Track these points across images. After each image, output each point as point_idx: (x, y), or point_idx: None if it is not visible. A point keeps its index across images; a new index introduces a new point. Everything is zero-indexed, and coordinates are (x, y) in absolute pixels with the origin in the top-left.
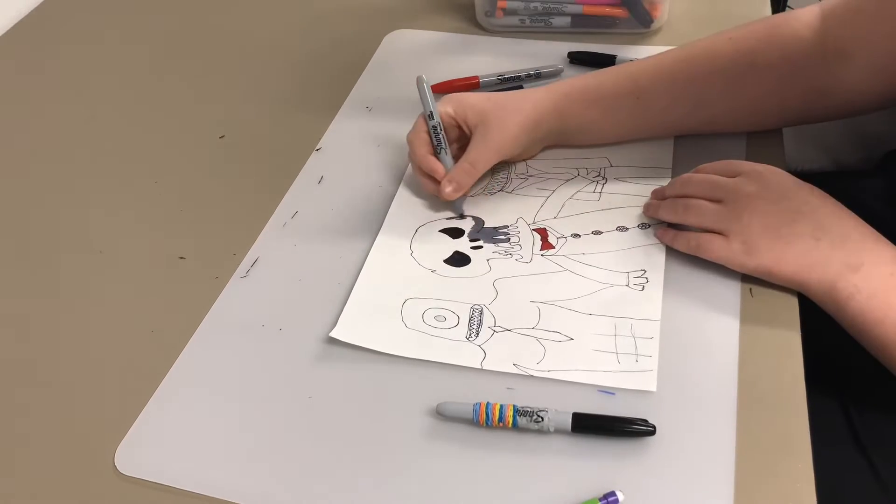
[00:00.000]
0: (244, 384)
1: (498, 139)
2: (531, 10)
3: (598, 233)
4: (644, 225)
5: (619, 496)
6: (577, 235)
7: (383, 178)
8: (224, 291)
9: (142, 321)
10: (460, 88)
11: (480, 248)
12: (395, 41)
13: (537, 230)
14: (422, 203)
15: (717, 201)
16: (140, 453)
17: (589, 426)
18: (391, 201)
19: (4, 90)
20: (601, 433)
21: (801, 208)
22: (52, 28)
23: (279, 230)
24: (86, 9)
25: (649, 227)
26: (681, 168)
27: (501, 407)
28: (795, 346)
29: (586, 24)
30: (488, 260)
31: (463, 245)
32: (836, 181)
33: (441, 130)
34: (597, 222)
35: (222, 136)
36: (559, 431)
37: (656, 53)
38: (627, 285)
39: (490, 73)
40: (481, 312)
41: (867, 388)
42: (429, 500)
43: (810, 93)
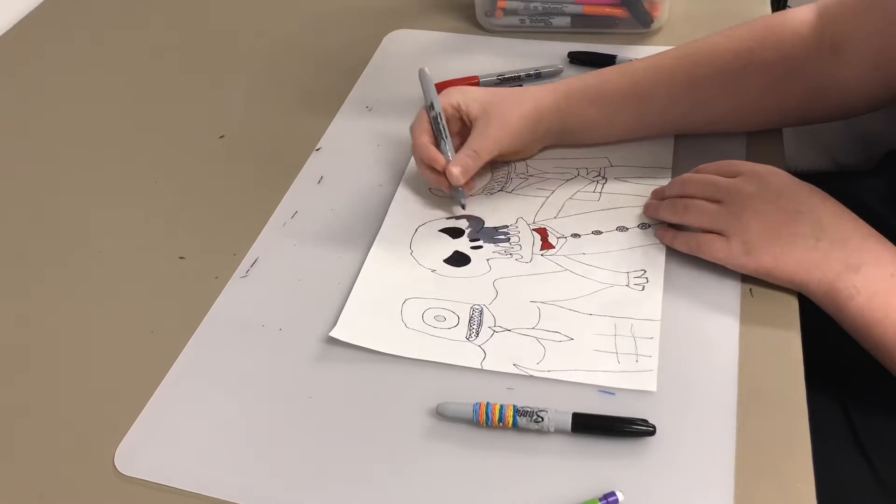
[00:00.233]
0: (244, 384)
1: (499, 130)
2: (531, 10)
3: (599, 233)
4: (644, 225)
5: (619, 496)
6: (577, 235)
7: (383, 178)
8: (224, 291)
9: (142, 321)
10: None
11: (480, 247)
12: (395, 41)
13: (537, 230)
14: (422, 203)
15: (717, 201)
16: (140, 453)
17: (589, 426)
18: (391, 201)
19: (4, 90)
20: (601, 433)
21: (801, 208)
22: (52, 28)
23: (279, 230)
24: (86, 9)
25: (649, 227)
26: (681, 168)
27: (501, 407)
28: (795, 346)
29: (586, 24)
30: (488, 260)
31: (463, 245)
32: (835, 181)
33: (442, 120)
34: (597, 222)
35: (222, 136)
36: (559, 431)
37: (656, 53)
38: (627, 285)
39: (490, 73)
40: (481, 312)
41: (867, 389)
42: (429, 500)
43: (808, 91)
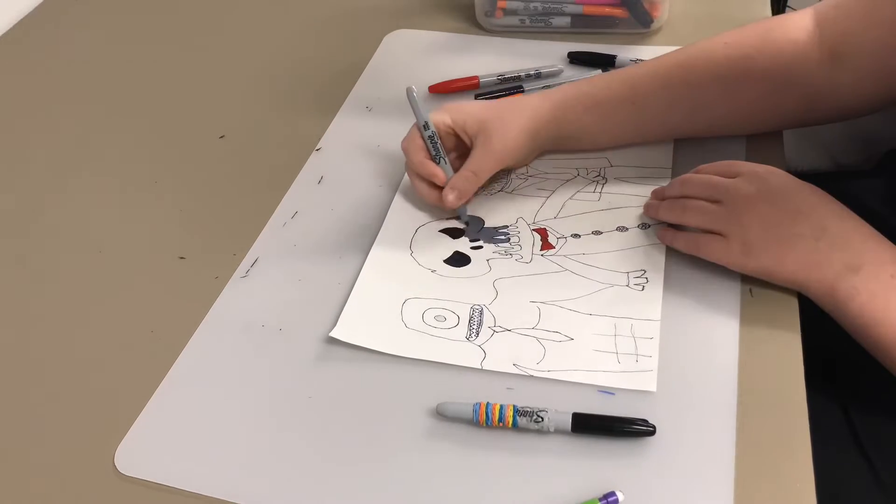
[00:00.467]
0: (244, 384)
1: (500, 148)
2: (531, 10)
3: (598, 233)
4: (644, 225)
5: (619, 496)
6: (577, 235)
7: (383, 178)
8: (224, 291)
9: (142, 321)
10: (460, 88)
11: (480, 248)
12: (395, 41)
13: (537, 230)
14: (422, 203)
15: (717, 202)
16: (140, 453)
17: (589, 426)
18: (391, 201)
19: (4, 90)
20: (601, 433)
21: (801, 208)
22: (52, 28)
23: (279, 230)
24: (86, 9)
25: (649, 227)
26: (681, 168)
27: (501, 407)
28: (795, 346)
29: (586, 24)
30: (488, 260)
31: (463, 245)
32: (836, 181)
33: (437, 139)
34: (597, 222)
35: (222, 136)
36: (559, 431)
37: (652, 58)
38: (627, 285)
39: (490, 73)
40: (481, 312)
41: (867, 389)
42: (429, 500)
43: (806, 96)
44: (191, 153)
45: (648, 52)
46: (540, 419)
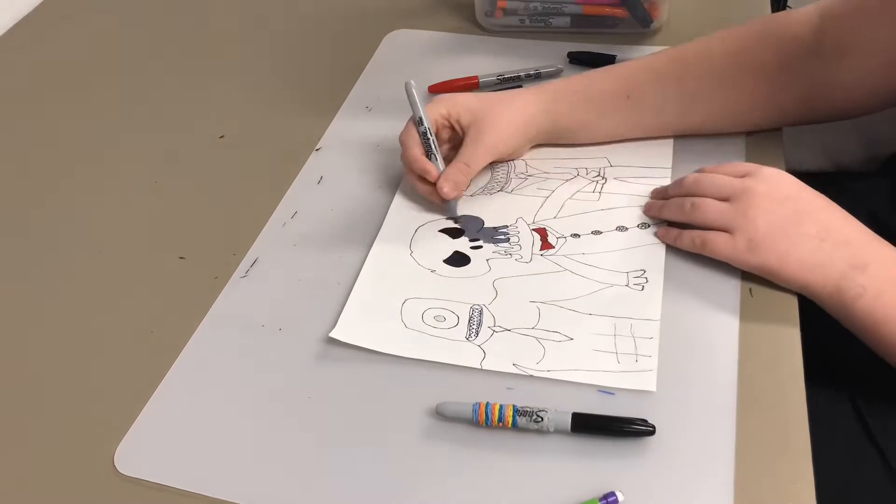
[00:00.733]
0: (244, 384)
1: (491, 139)
2: (531, 10)
3: (598, 233)
4: (644, 225)
5: (619, 496)
6: (576, 235)
7: (383, 178)
8: (224, 291)
9: (142, 321)
10: (460, 88)
11: (480, 248)
12: (395, 41)
13: (537, 230)
14: (421, 203)
15: (724, 200)
16: (140, 453)
17: (589, 426)
18: (391, 201)
19: (4, 90)
20: (601, 433)
21: (807, 209)
22: (52, 28)
23: (279, 230)
24: (86, 9)
25: (649, 226)
26: (681, 168)
27: (501, 407)
28: (795, 345)
29: (586, 25)
30: (488, 260)
31: (462, 245)
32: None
33: (430, 136)
34: (596, 222)
35: (222, 136)
36: (559, 431)
37: (649, 54)
38: (627, 285)
39: (490, 73)
40: (481, 312)
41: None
42: (428, 500)
43: (807, 92)
44: (191, 153)
45: (648, 52)
46: (540, 419)
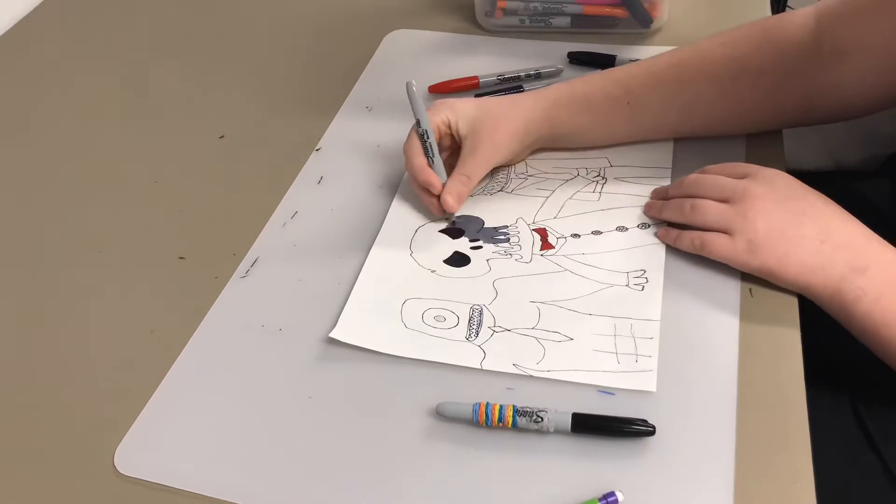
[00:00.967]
0: (244, 384)
1: (489, 149)
2: (531, 10)
3: (598, 233)
4: (644, 225)
5: (619, 496)
6: (576, 235)
7: (383, 179)
8: (224, 291)
9: (142, 321)
10: (460, 88)
11: (480, 248)
12: (395, 41)
13: (537, 230)
14: (421, 204)
15: (724, 201)
16: (140, 453)
17: (589, 426)
18: (391, 201)
19: (4, 90)
20: (601, 433)
21: (808, 211)
22: (52, 28)
23: (279, 230)
24: (86, 9)
25: (649, 226)
26: (681, 168)
27: (501, 407)
28: (795, 345)
29: (586, 25)
30: (488, 260)
31: (462, 245)
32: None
33: (429, 139)
34: (596, 222)
35: (222, 136)
36: (559, 431)
37: (648, 58)
38: (627, 285)
39: (490, 73)
40: (481, 312)
41: (875, 386)
42: (428, 501)
43: (806, 95)
44: (191, 153)
45: (648, 52)
46: (540, 419)
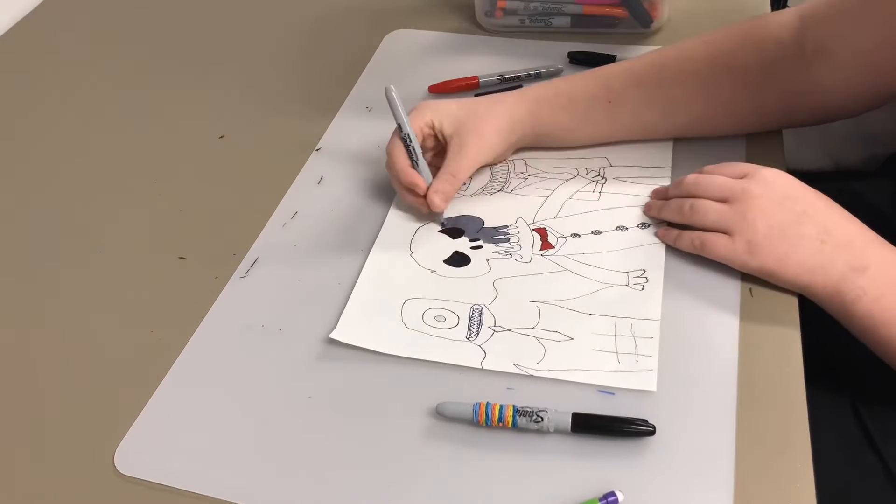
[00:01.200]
0: (244, 384)
1: (475, 149)
2: (531, 10)
3: (598, 232)
4: (644, 225)
5: (619, 496)
6: (576, 235)
7: (383, 179)
8: (224, 291)
9: (142, 321)
10: (460, 88)
11: (480, 248)
12: (395, 41)
13: (537, 230)
14: None
15: (723, 201)
16: (140, 453)
17: (589, 426)
18: (391, 202)
19: (4, 90)
20: (601, 433)
21: (807, 210)
22: (52, 28)
23: (279, 230)
24: (86, 9)
25: (649, 226)
26: (680, 168)
27: (501, 407)
28: (795, 345)
29: (586, 24)
30: (488, 260)
31: (462, 245)
32: (838, 181)
33: (411, 142)
34: (596, 222)
35: (222, 136)
36: (559, 431)
37: (632, 58)
38: (627, 285)
39: (490, 73)
40: (481, 312)
41: (876, 386)
42: (428, 500)
43: (789, 95)
44: (191, 153)
45: (648, 52)
46: (540, 419)
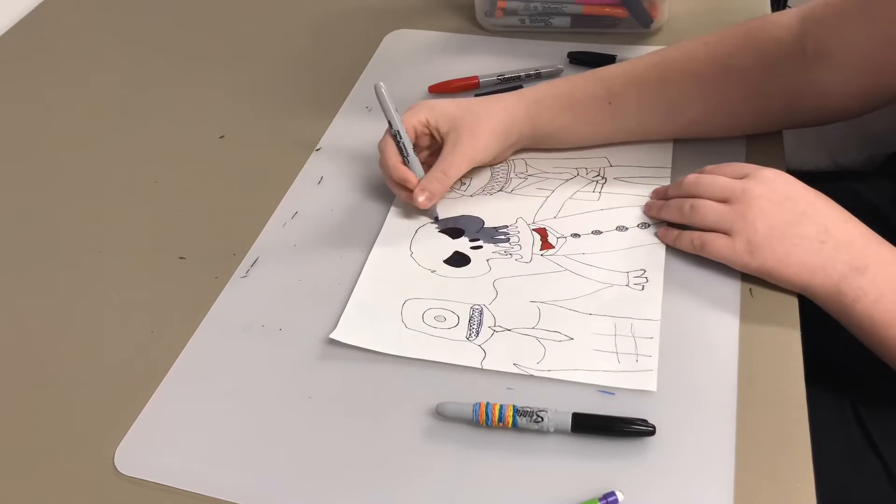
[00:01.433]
0: (244, 384)
1: (469, 147)
2: (531, 10)
3: (598, 232)
4: (644, 225)
5: (619, 496)
6: (576, 235)
7: (383, 179)
8: (224, 291)
9: (142, 321)
10: (460, 88)
11: (480, 248)
12: (395, 41)
13: (537, 230)
14: None
15: (724, 201)
16: (140, 453)
17: (589, 426)
18: (391, 202)
19: (4, 90)
20: (601, 433)
21: (807, 211)
22: (52, 28)
23: (279, 230)
24: (86, 9)
25: (649, 226)
26: (680, 168)
27: (501, 407)
28: (795, 345)
29: (586, 24)
30: (488, 260)
31: (462, 245)
32: (838, 181)
33: (402, 140)
34: (596, 222)
35: (222, 136)
36: (559, 431)
37: (632, 59)
38: (627, 285)
39: (490, 73)
40: (481, 312)
41: (876, 387)
42: (429, 500)
43: (789, 96)
44: (191, 153)
45: (648, 52)
46: (540, 419)
